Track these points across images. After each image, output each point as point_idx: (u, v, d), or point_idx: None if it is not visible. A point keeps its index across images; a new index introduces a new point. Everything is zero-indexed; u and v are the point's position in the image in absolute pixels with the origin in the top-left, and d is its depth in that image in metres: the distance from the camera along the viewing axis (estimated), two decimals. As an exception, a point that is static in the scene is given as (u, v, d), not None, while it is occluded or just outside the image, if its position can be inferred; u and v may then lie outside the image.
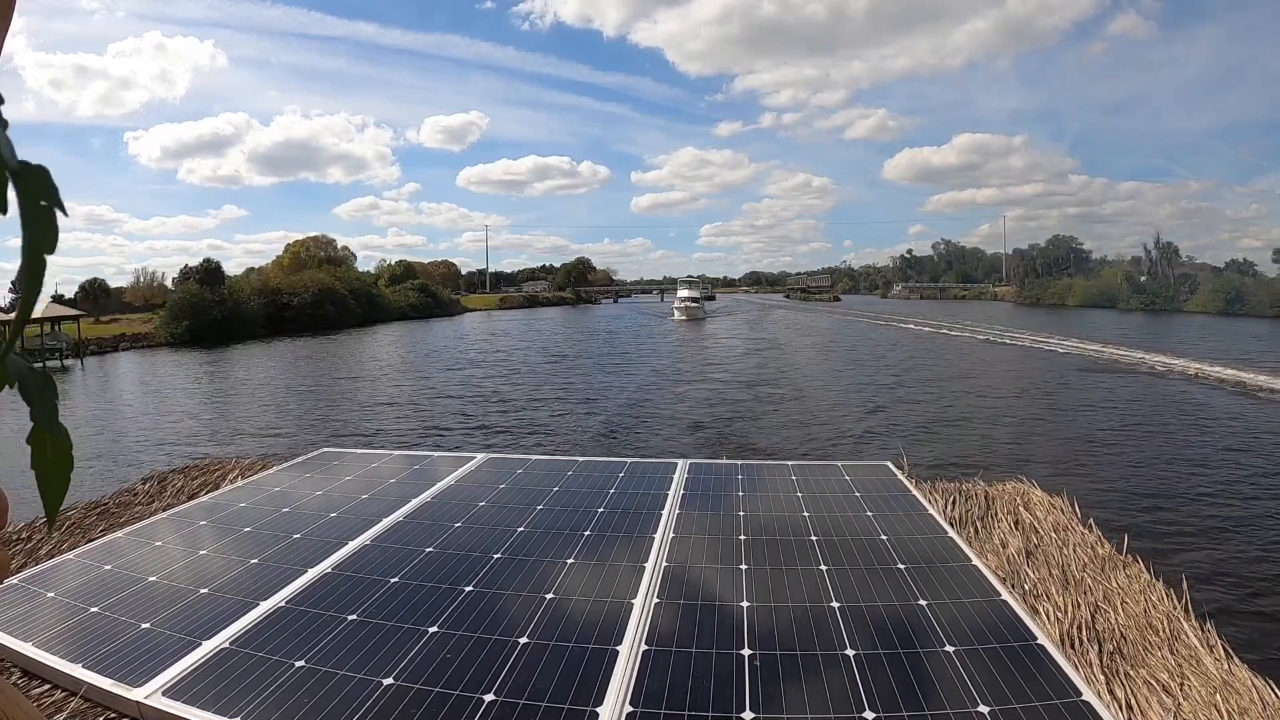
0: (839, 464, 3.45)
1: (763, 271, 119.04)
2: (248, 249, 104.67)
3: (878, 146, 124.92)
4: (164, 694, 1.64)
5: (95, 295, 51.49)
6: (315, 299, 44.82)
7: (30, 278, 0.30)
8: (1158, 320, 43.47)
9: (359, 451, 4.15)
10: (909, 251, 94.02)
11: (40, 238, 0.30)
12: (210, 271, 42.40)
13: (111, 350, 33.96)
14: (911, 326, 35.67)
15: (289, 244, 59.93)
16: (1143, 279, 57.30)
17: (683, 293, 53.59)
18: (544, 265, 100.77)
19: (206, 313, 37.77)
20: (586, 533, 2.57)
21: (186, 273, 44.80)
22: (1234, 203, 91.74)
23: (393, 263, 66.65)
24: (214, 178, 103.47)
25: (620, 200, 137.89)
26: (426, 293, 59.30)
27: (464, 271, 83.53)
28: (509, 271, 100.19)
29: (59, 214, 0.30)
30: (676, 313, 48.99)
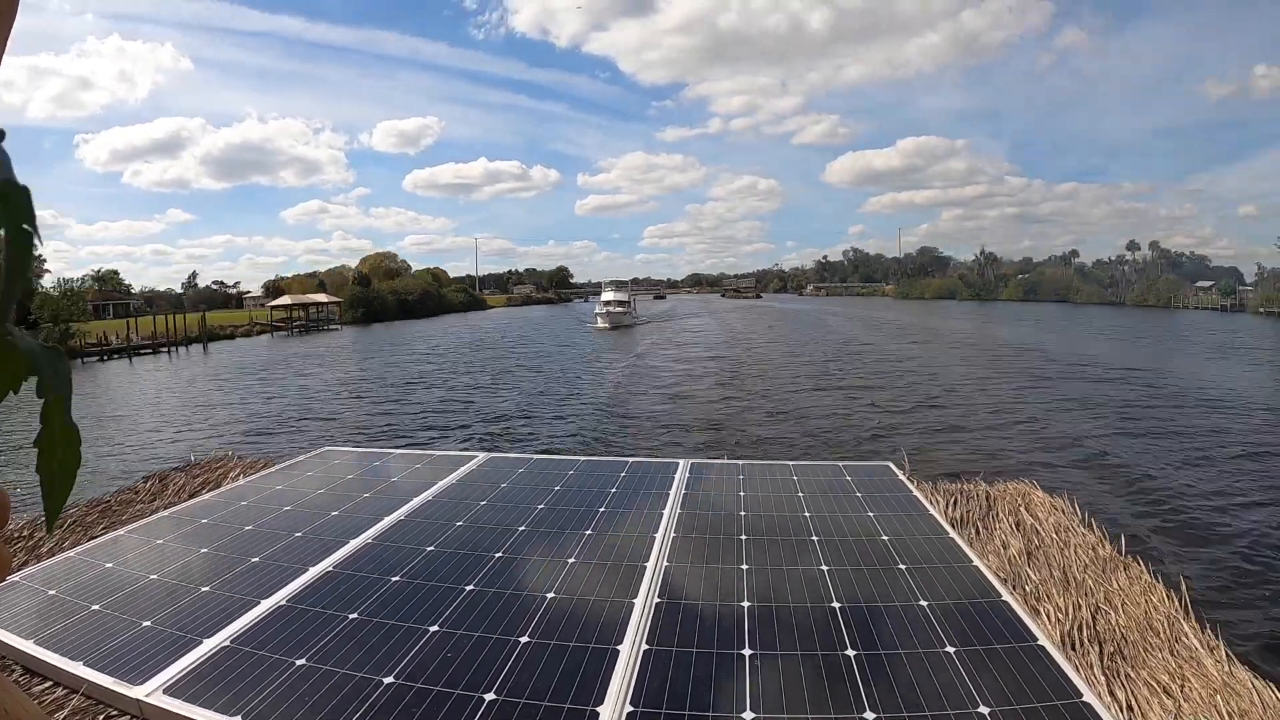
0: (840, 464, 3.45)
1: (703, 273, 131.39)
2: (190, 254, 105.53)
3: (830, 150, 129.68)
4: (165, 692, 1.64)
5: (277, 291, 70.39)
6: (421, 296, 70.33)
7: (6, 297, 0.31)
8: (981, 304, 69.56)
9: (360, 450, 4.15)
10: (824, 257, 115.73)
11: (19, 263, 0.31)
12: (365, 276, 69.93)
13: (328, 326, 53.79)
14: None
15: (365, 257, 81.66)
16: (975, 278, 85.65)
17: (606, 296, 44.56)
18: (529, 269, 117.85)
19: (370, 304, 61.56)
20: (587, 532, 2.57)
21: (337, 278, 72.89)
22: (1169, 202, 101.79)
23: (420, 269, 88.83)
24: (161, 181, 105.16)
25: (566, 203, 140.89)
26: (468, 294, 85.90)
27: (453, 276, 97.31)
28: (480, 275, 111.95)
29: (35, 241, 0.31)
30: (599, 319, 41.28)
